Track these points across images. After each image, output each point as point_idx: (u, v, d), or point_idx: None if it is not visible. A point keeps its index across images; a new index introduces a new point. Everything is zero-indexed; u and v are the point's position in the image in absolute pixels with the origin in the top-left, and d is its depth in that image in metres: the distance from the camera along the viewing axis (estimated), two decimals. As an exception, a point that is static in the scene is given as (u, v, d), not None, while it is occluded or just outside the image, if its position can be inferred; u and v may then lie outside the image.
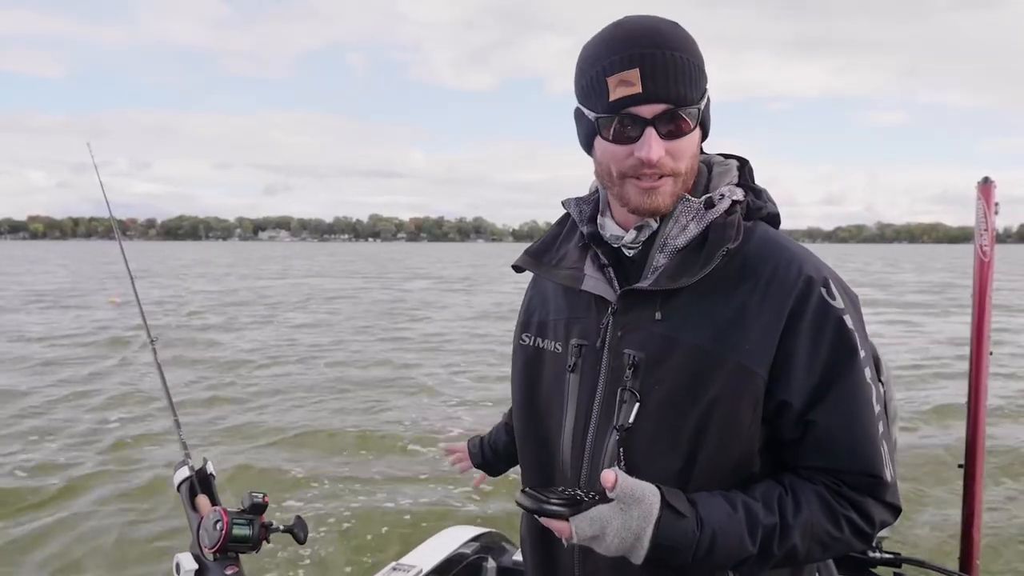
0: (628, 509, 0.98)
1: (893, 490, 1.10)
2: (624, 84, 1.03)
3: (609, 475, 0.98)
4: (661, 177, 1.07)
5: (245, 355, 12.24)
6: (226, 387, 9.68)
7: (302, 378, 10.37)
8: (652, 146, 1.04)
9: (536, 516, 1.02)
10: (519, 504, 1.02)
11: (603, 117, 1.07)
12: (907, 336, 14.88)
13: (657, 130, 1.04)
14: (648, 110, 1.04)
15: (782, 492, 1.06)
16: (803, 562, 1.09)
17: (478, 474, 1.84)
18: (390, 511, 5.44)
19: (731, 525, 1.02)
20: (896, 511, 1.11)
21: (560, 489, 1.03)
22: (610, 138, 1.07)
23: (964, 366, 2.31)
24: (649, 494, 0.99)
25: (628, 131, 1.05)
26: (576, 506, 0.98)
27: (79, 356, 11.98)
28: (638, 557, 0.99)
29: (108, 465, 6.42)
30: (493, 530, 2.63)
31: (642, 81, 1.03)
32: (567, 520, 0.98)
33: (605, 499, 0.99)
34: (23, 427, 7.60)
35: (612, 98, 1.04)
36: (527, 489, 1.03)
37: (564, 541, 1.03)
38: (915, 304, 22.29)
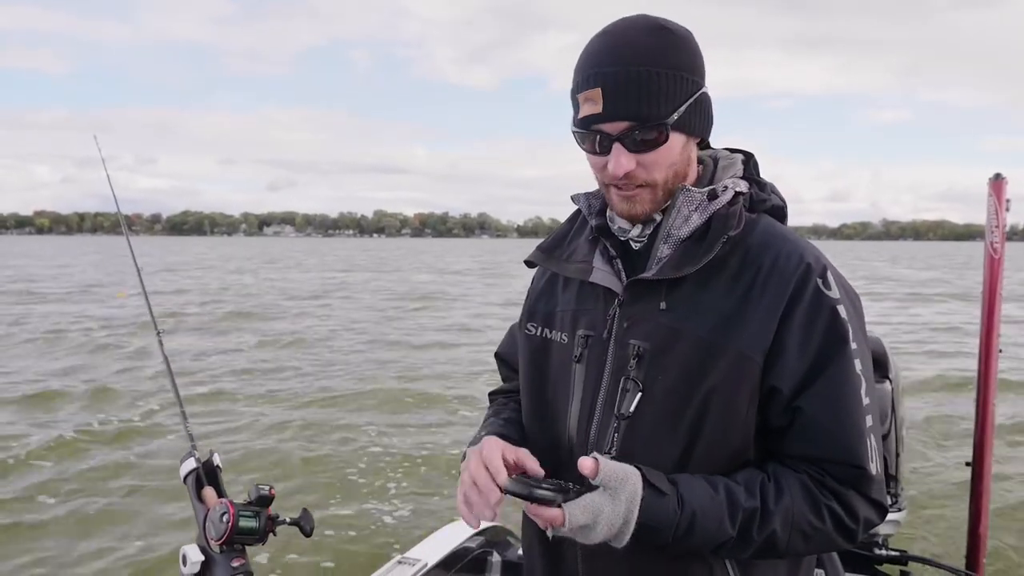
0: (616, 494, 0.99)
1: (879, 486, 1.10)
2: (589, 102, 1.07)
3: (587, 462, 0.99)
4: (639, 186, 1.11)
5: (272, 345, 12.30)
6: (240, 380, 9.72)
7: (320, 369, 10.42)
8: (620, 162, 1.08)
9: (525, 502, 1.00)
10: (505, 490, 1.00)
11: (577, 132, 1.12)
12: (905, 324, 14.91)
13: (624, 145, 1.07)
14: (612, 127, 1.07)
15: (764, 478, 1.07)
16: (784, 552, 1.08)
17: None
18: (396, 504, 5.46)
19: (712, 507, 1.03)
20: (881, 510, 1.11)
21: (545, 478, 1.03)
22: (587, 151, 1.13)
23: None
24: (632, 475, 1.00)
25: (598, 147, 1.10)
26: (565, 493, 0.98)
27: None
28: (622, 540, 1.00)
29: (117, 454, 6.46)
30: (498, 524, 2.63)
31: (603, 100, 1.06)
32: (559, 507, 0.97)
33: (590, 487, 0.99)
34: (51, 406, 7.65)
35: (580, 115, 1.09)
36: (514, 476, 1.02)
37: (548, 531, 1.01)
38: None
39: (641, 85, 1.05)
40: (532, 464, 1.09)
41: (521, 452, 1.10)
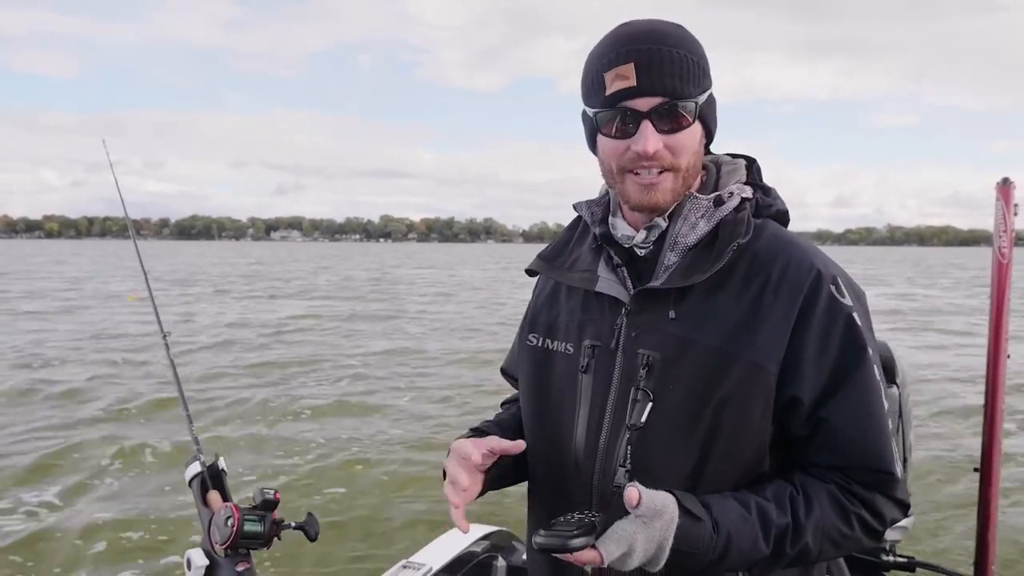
0: (651, 522, 0.96)
1: (903, 486, 1.11)
2: (620, 78, 1.06)
3: (633, 493, 0.96)
4: (661, 173, 1.09)
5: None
6: (254, 381, 9.73)
7: (335, 368, 10.43)
8: (648, 139, 1.06)
9: (560, 555, 0.95)
10: (541, 548, 0.95)
11: (601, 112, 1.10)
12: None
13: (653, 123, 1.07)
14: (643, 103, 1.06)
15: (793, 491, 1.07)
16: (815, 561, 1.09)
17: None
18: (400, 509, 5.45)
19: (745, 527, 1.02)
20: (905, 507, 1.12)
21: (565, 519, 1.00)
22: (610, 134, 1.10)
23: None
24: (669, 503, 0.98)
25: (625, 125, 1.08)
26: (593, 529, 0.95)
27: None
28: (657, 565, 0.98)
29: (124, 459, 6.47)
30: (503, 528, 2.62)
31: (636, 75, 1.05)
32: (593, 547, 0.94)
33: (623, 513, 0.96)
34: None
35: (608, 92, 1.07)
36: (543, 532, 0.97)
37: (588, 569, 0.99)
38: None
39: (675, 63, 1.06)
40: (501, 444, 1.13)
41: (491, 441, 1.13)
